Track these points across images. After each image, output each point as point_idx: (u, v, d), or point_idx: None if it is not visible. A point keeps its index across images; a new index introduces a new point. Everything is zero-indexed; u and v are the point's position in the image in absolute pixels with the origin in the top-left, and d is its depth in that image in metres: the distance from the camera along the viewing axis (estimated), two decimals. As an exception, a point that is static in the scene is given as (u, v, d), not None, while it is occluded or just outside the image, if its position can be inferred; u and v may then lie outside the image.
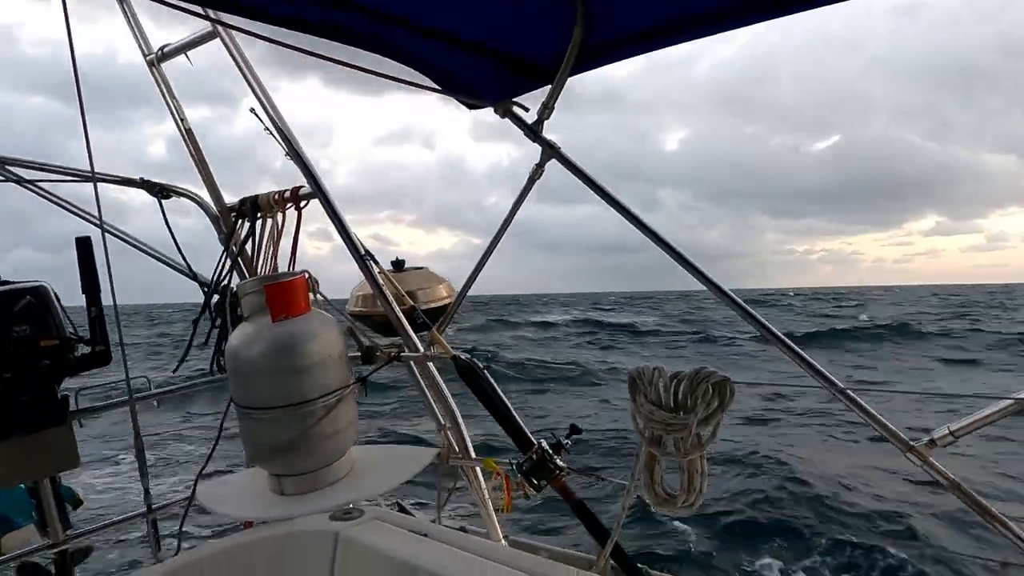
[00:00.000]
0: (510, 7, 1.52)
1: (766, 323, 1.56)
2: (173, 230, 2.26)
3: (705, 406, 1.45)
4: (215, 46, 2.10)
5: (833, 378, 1.42)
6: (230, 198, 2.38)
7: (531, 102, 1.79)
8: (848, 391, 1.39)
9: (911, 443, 1.32)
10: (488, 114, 1.94)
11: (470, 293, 2.11)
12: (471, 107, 1.87)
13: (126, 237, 2.22)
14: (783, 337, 1.52)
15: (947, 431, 1.28)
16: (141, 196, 2.39)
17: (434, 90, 1.80)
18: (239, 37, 2.07)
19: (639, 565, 1.78)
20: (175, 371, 2.25)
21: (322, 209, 2.15)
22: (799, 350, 1.49)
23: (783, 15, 1.37)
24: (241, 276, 2.30)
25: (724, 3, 1.41)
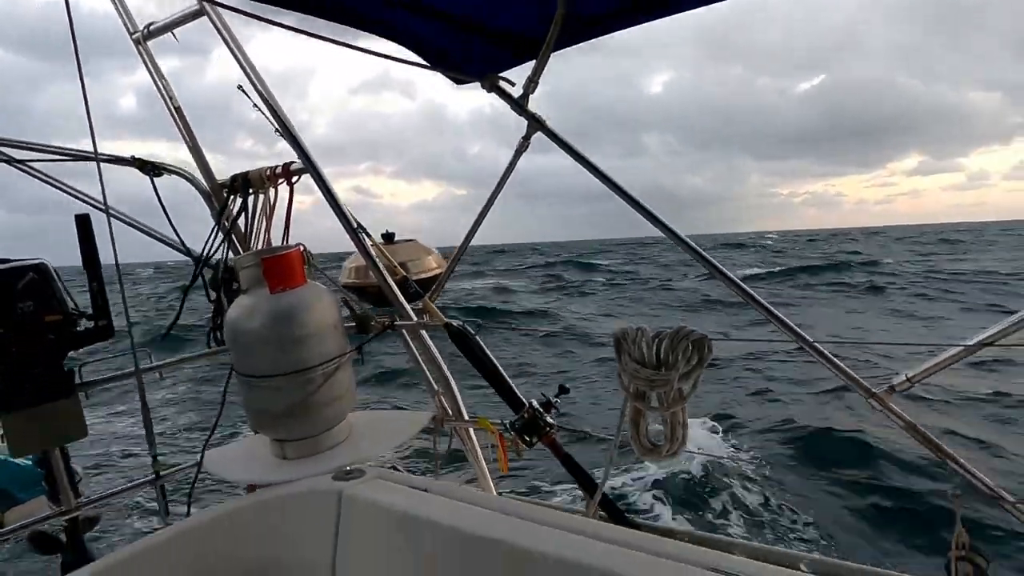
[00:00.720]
0: None
1: (744, 286, 1.66)
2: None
3: (686, 362, 1.56)
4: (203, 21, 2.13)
5: (799, 329, 1.53)
6: (210, 155, 2.42)
7: (517, 76, 1.85)
8: (815, 343, 1.50)
9: (872, 390, 1.44)
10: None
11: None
12: (459, 83, 1.92)
13: (124, 218, 2.25)
14: (755, 295, 1.62)
15: (904, 377, 1.40)
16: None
17: (422, 66, 1.85)
18: (226, 13, 2.10)
19: (627, 514, 1.90)
20: (164, 337, 2.32)
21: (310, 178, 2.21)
22: (769, 306, 1.59)
23: None
24: (234, 251, 2.36)
25: None
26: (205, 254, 2.27)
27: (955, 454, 1.39)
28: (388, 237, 2.39)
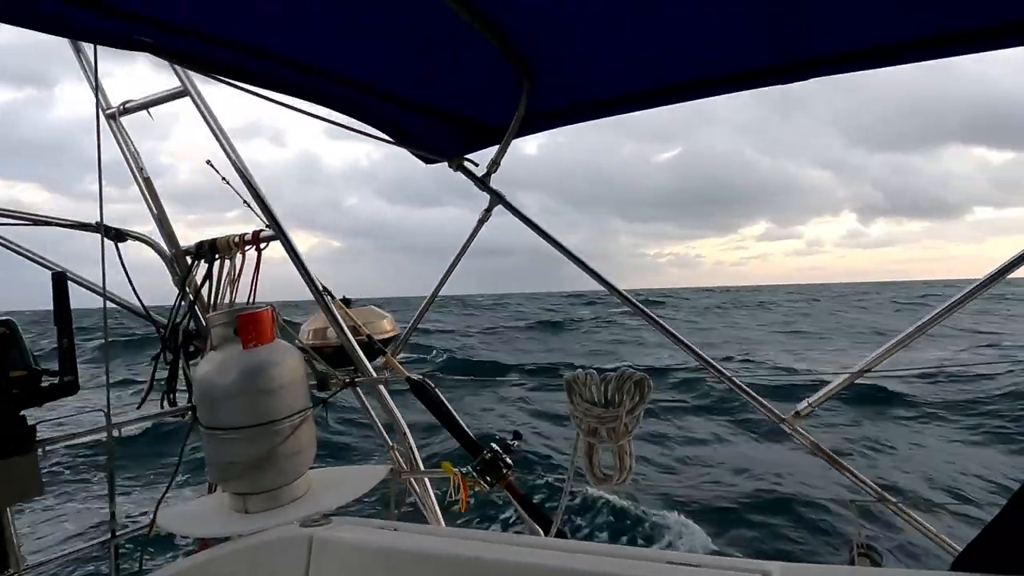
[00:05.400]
0: (464, 77, 1.86)
1: (675, 332, 1.95)
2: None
3: (630, 399, 1.81)
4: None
5: (717, 365, 1.82)
6: (56, 198, 2.45)
7: (480, 156, 2.14)
8: (733, 377, 1.79)
9: (783, 416, 1.73)
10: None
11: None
12: (428, 162, 2.18)
13: (86, 283, 2.28)
14: (685, 340, 1.92)
15: (807, 403, 1.71)
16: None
17: (395, 144, 2.11)
18: (206, 91, 2.29)
19: None
20: (139, 407, 2.29)
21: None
22: (695, 347, 1.88)
23: (710, 96, 1.78)
24: (194, 316, 2.44)
25: (657, 84, 1.80)
26: (174, 319, 2.34)
27: (850, 466, 1.69)
28: (346, 302, 2.55)
